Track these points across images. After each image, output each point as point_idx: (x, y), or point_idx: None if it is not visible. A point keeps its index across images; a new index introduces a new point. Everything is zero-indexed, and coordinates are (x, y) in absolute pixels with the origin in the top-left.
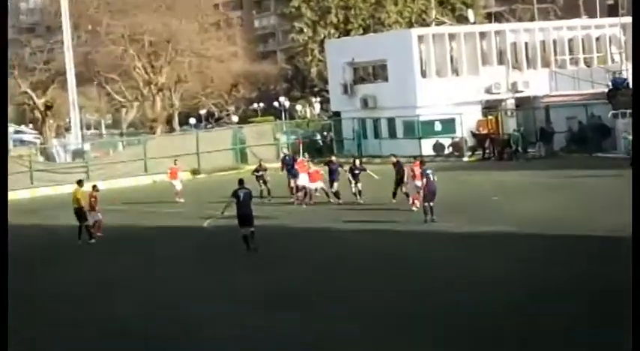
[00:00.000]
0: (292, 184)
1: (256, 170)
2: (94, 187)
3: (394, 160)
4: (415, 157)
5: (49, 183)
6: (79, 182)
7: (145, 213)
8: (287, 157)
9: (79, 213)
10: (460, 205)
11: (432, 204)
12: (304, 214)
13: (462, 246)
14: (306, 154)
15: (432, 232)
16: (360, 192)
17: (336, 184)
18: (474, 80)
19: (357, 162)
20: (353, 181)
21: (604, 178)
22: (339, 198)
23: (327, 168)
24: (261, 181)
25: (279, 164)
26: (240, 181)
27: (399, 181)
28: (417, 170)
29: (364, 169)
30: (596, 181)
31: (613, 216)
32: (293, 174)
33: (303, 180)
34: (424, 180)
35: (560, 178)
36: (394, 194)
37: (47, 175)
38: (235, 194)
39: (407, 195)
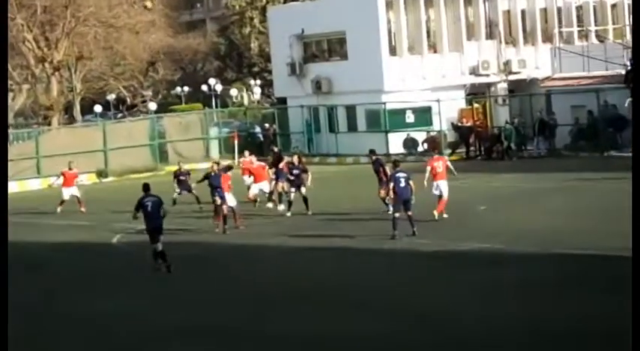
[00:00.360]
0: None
1: (177, 174)
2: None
3: (373, 157)
4: (389, 156)
5: None
6: None
7: (38, 226)
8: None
9: None
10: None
11: (409, 213)
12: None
13: (437, 268)
14: (247, 152)
15: (400, 251)
16: (305, 199)
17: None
18: (456, 58)
19: (296, 159)
20: (290, 187)
21: (618, 183)
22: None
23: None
24: (179, 188)
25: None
26: (146, 187)
27: (381, 183)
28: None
29: (305, 171)
30: (608, 186)
31: (629, 230)
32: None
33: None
34: (390, 185)
35: (564, 183)
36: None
37: None
38: (141, 204)
39: (383, 200)
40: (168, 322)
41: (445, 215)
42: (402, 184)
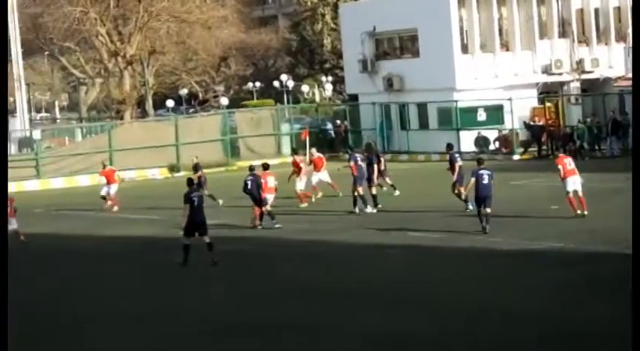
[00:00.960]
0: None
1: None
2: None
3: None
4: (461, 154)
5: None
6: None
7: (109, 220)
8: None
9: None
10: (510, 215)
11: (487, 210)
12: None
13: (509, 267)
14: (313, 150)
15: (472, 250)
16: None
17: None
18: (528, 57)
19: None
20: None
21: None
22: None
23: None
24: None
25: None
26: (190, 182)
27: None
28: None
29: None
30: None
31: None
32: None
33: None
34: (472, 180)
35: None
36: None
37: None
38: (189, 199)
39: (458, 196)
40: (228, 318)
41: (586, 212)
42: (485, 181)
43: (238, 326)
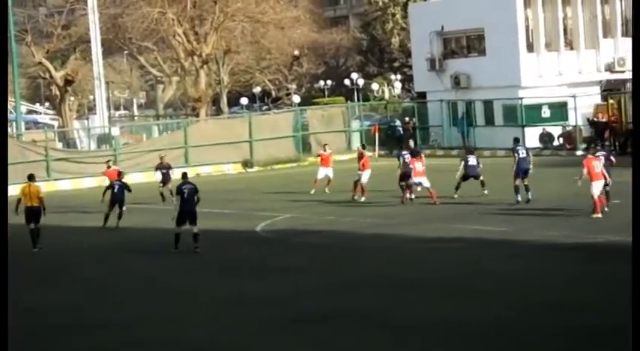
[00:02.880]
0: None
1: (158, 167)
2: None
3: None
4: (587, 148)
5: (68, 175)
6: (31, 177)
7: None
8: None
9: (32, 213)
10: (570, 209)
11: (525, 182)
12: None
13: (568, 260)
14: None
15: (530, 243)
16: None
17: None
18: (592, 55)
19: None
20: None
21: None
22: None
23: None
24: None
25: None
26: (184, 176)
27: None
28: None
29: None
30: None
31: None
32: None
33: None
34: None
35: None
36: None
37: (66, 164)
38: (180, 190)
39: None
40: (313, 305)
41: (606, 209)
42: (523, 155)
43: (313, 315)
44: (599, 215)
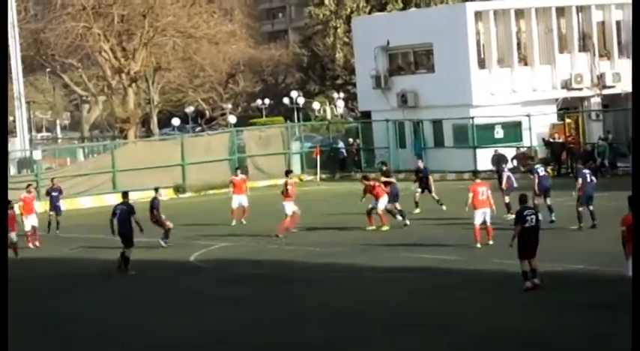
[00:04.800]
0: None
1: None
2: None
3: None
4: (475, 173)
5: None
6: None
7: (110, 244)
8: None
9: None
10: None
11: (591, 208)
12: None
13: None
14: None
15: (488, 272)
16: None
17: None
18: (547, 71)
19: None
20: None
21: None
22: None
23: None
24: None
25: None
26: (124, 195)
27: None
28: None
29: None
30: None
31: None
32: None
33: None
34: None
35: None
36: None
37: None
38: (114, 210)
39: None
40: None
41: (491, 242)
42: (588, 180)
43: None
44: (478, 245)
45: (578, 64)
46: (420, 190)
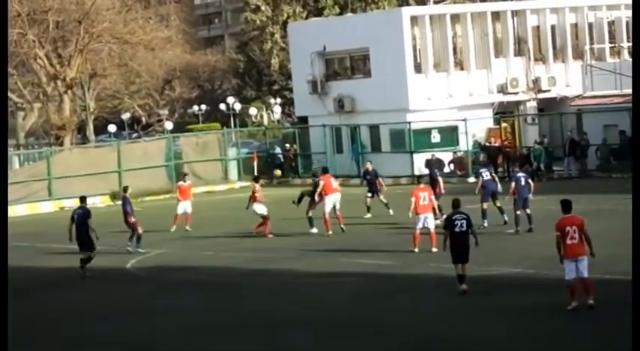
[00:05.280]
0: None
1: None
2: None
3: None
4: (419, 178)
5: None
6: None
7: (46, 252)
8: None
9: None
10: None
11: (527, 211)
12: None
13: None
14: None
15: (425, 276)
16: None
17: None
18: (483, 76)
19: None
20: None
21: None
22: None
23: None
24: None
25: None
26: (82, 199)
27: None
28: None
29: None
30: None
31: None
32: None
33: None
34: (512, 184)
35: (596, 205)
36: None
37: None
38: (72, 215)
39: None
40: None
41: (434, 249)
42: (522, 183)
43: None
44: (416, 250)
45: (513, 69)
46: (370, 194)
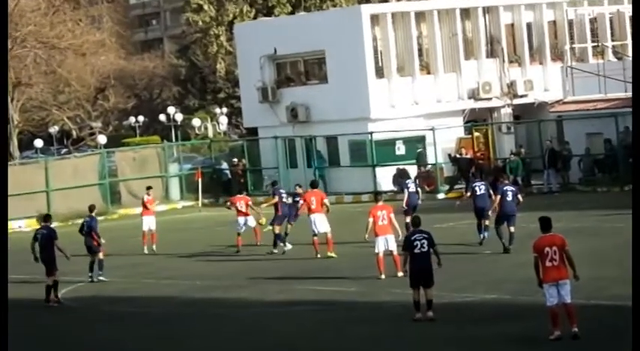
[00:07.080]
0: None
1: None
2: None
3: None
4: (377, 195)
5: None
6: None
7: None
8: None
9: None
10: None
11: (512, 229)
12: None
13: (434, 323)
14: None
15: (392, 303)
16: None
17: None
18: (452, 80)
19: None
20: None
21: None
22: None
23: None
24: None
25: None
26: (45, 218)
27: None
28: None
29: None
30: (630, 226)
31: None
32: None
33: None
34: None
35: (579, 223)
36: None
37: None
38: (35, 235)
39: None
40: None
41: (400, 274)
42: (509, 198)
43: None
44: (382, 276)
45: (486, 72)
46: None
